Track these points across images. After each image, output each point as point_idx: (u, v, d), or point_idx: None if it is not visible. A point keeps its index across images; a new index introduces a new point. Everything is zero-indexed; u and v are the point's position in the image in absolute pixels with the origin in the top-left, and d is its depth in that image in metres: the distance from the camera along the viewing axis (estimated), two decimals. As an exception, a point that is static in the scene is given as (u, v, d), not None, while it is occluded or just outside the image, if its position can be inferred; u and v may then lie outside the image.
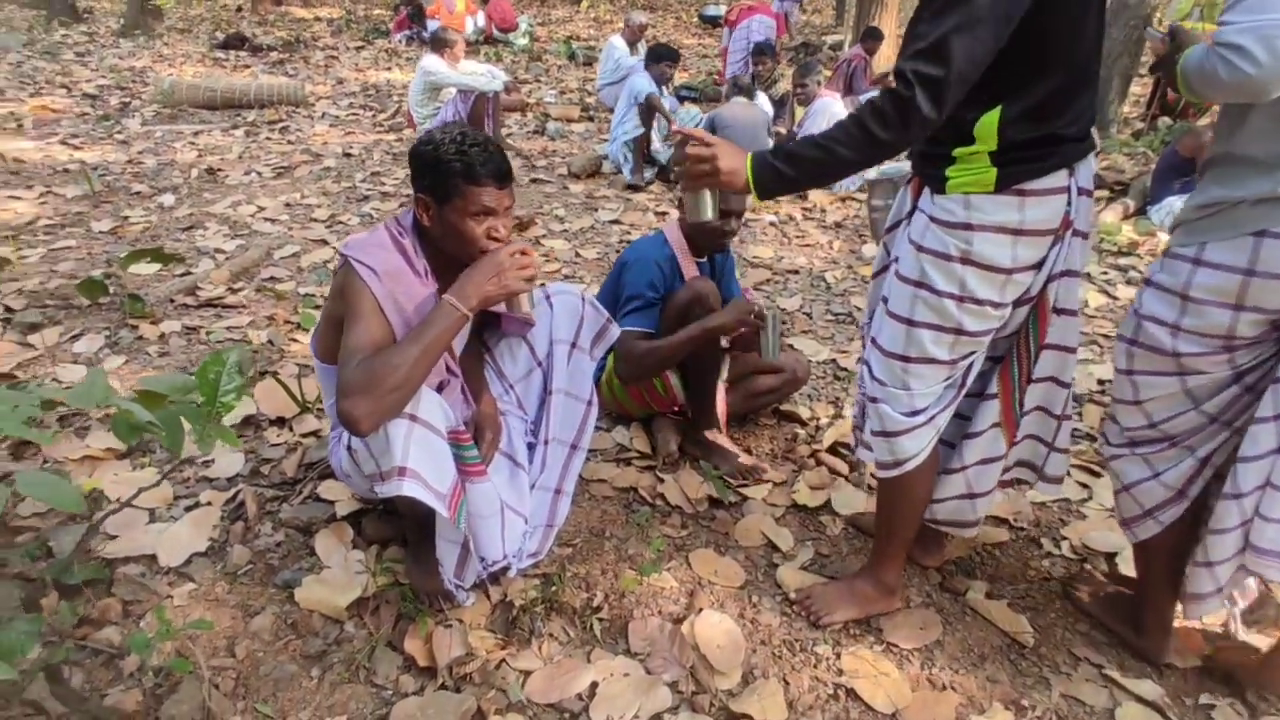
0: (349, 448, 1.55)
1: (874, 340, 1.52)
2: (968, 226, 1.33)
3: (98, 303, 2.92)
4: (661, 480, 2.13)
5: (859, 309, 3.36)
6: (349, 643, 1.61)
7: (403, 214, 1.59)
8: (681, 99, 7.41)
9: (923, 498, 1.60)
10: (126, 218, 4.02)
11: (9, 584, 1.58)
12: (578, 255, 3.86)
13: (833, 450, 2.33)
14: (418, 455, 1.38)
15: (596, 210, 4.52)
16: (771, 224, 4.46)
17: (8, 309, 2.87)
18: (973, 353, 1.46)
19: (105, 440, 2.15)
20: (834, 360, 2.89)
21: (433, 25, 9.28)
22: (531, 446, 1.93)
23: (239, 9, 13.68)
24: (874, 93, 6.71)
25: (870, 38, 7.48)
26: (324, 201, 4.45)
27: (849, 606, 1.69)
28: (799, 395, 2.61)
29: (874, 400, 1.51)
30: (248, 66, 8.78)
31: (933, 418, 1.49)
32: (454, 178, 1.47)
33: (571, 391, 1.90)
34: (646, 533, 1.93)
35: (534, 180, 5.05)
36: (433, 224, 1.53)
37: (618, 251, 3.92)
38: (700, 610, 1.69)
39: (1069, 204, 1.32)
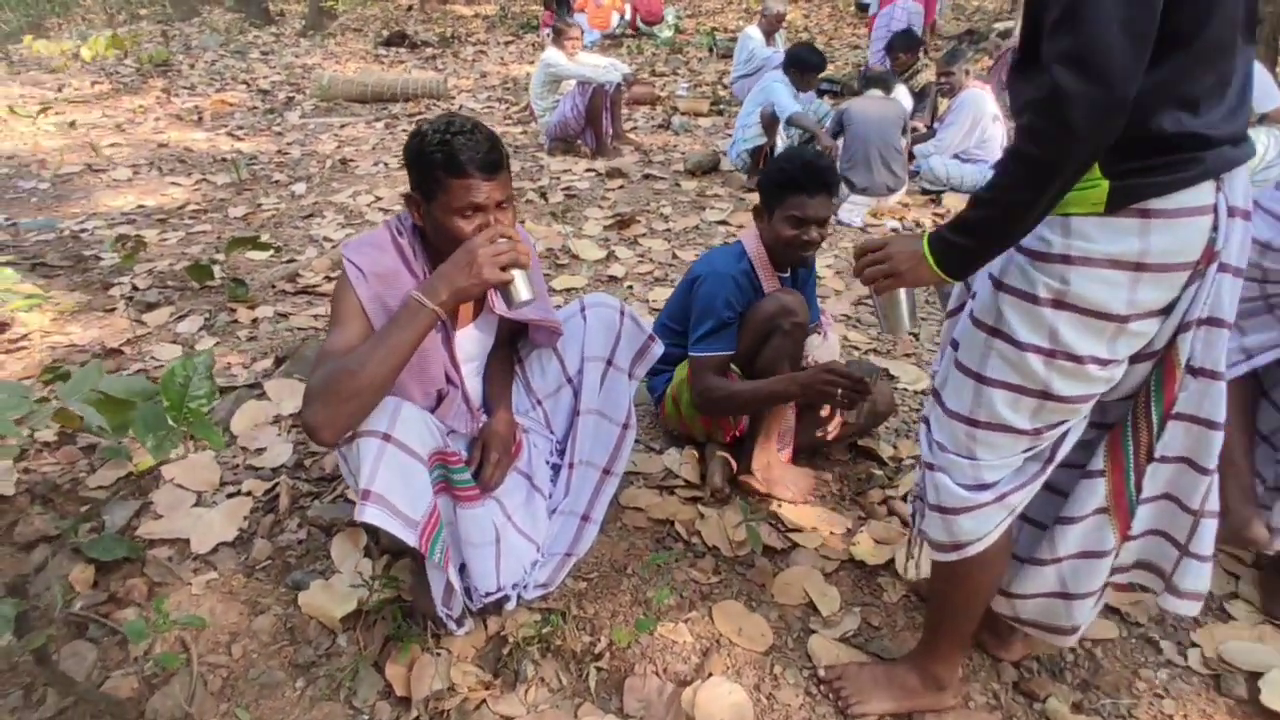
0: (343, 455, 1.48)
1: (936, 393, 1.24)
2: (1065, 259, 1.02)
3: (207, 285, 3.11)
4: (702, 516, 1.93)
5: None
6: (339, 657, 1.55)
7: (404, 213, 1.50)
8: (821, 93, 7.00)
9: (987, 588, 1.31)
10: (260, 205, 4.30)
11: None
12: (675, 257, 3.69)
13: (909, 498, 2.02)
14: (387, 478, 1.28)
15: (704, 210, 4.32)
16: (893, 230, 4.07)
17: (134, 287, 3.12)
18: (1064, 421, 1.14)
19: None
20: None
21: (580, 18, 9.38)
22: (556, 468, 1.80)
23: (409, 8, 14.57)
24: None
25: (1039, 23, 6.69)
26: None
27: (887, 697, 1.42)
28: (883, 429, 2.30)
29: (930, 467, 1.23)
30: (403, 62, 9.30)
31: (1004, 496, 1.19)
32: (436, 170, 1.35)
33: (605, 412, 1.75)
34: (670, 575, 1.74)
35: (646, 175, 4.92)
36: (425, 222, 1.43)
37: (716, 254, 3.71)
38: (710, 675, 1.48)
39: (1214, 229, 1.00)
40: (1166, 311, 1.05)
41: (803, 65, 4.68)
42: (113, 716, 1.44)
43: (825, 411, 2.05)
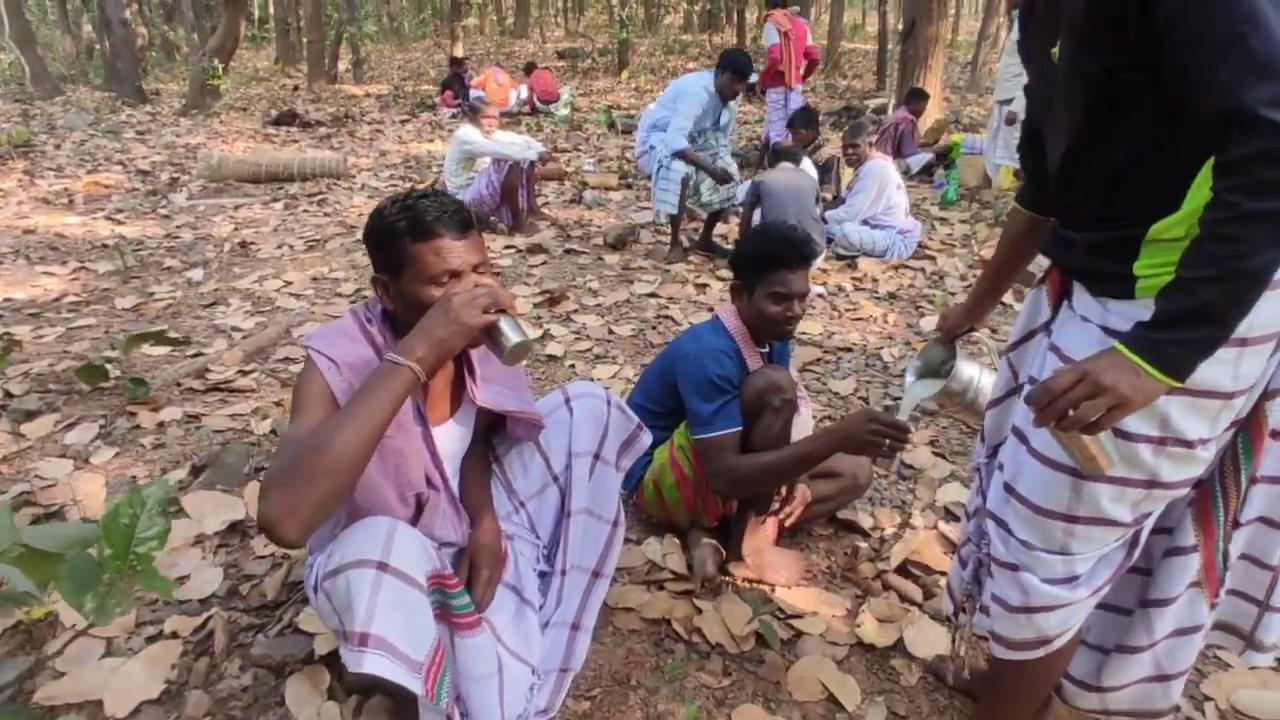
0: (315, 588, 1.27)
1: (1011, 489, 1.15)
2: None
3: (99, 388, 2.76)
4: (699, 611, 1.80)
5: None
6: (310, 832, 1.30)
7: (372, 300, 1.35)
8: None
9: (1056, 675, 1.26)
10: (152, 294, 3.93)
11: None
12: (611, 332, 3.62)
13: (903, 570, 1.98)
14: (387, 616, 1.09)
15: (632, 283, 4.30)
16: (820, 296, 4.17)
17: (8, 394, 2.72)
18: (1161, 506, 1.11)
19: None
20: (898, 457, 2.54)
21: (475, 95, 9.43)
22: (544, 575, 1.63)
23: (295, 88, 14.27)
24: (923, 155, 6.33)
25: (916, 98, 7.30)
26: (351, 275, 4.32)
27: None
28: (858, 500, 2.27)
29: (1011, 567, 1.15)
30: (296, 141, 9.00)
31: (1098, 589, 1.13)
32: (401, 239, 1.22)
33: (594, 510, 1.61)
34: (681, 684, 1.60)
35: (568, 250, 4.88)
36: (395, 304, 1.28)
37: (653, 327, 3.67)
38: (747, 799, 1.34)
39: None
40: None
41: (736, 68, 4.51)
42: None
43: (783, 493, 1.99)
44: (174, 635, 1.69)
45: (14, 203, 5.90)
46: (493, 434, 1.66)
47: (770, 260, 1.82)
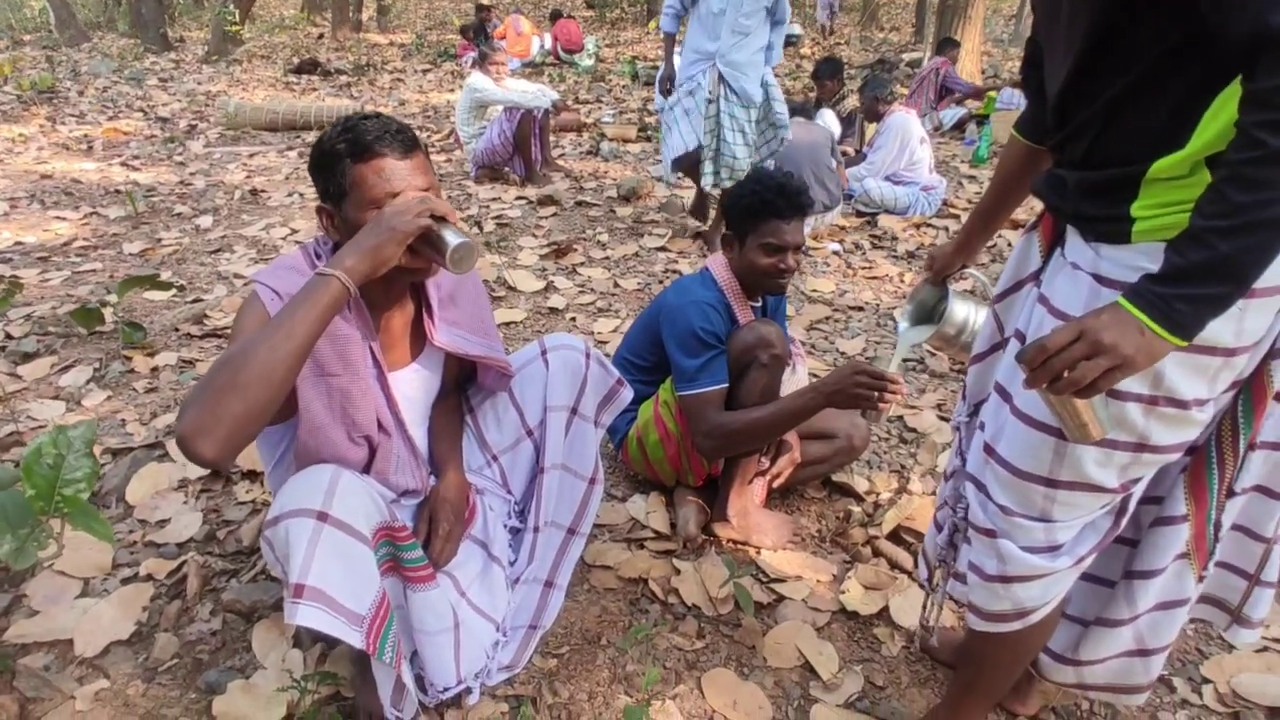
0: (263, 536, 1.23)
1: (991, 450, 1.07)
2: None
3: (97, 331, 2.75)
4: (678, 571, 1.75)
5: (933, 354, 2.91)
6: (266, 778, 1.29)
7: (323, 236, 1.28)
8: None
9: (1036, 648, 1.18)
10: (160, 240, 3.92)
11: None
12: (616, 285, 3.53)
13: (895, 537, 1.90)
14: (326, 568, 1.05)
15: (642, 236, 4.19)
16: (835, 253, 4.04)
17: (8, 336, 2.73)
18: (1148, 474, 1.01)
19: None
20: (900, 418, 2.45)
21: (499, 46, 9.23)
22: (517, 532, 1.59)
23: (320, 36, 14.11)
24: (956, 110, 6.00)
25: (947, 46, 7.04)
26: (360, 224, 4.27)
27: None
28: (855, 462, 2.19)
29: (989, 533, 1.07)
30: (315, 90, 8.91)
31: (1081, 559, 1.05)
32: (342, 162, 1.16)
33: (570, 467, 1.56)
34: (651, 644, 1.55)
35: (580, 203, 4.77)
36: (341, 234, 1.21)
37: (660, 282, 3.57)
38: (708, 764, 1.30)
39: None
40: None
41: None
42: None
43: (771, 451, 1.91)
44: (149, 578, 1.69)
45: (34, 148, 5.92)
46: (466, 385, 1.61)
47: (763, 209, 1.72)
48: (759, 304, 1.91)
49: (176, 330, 2.85)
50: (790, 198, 1.73)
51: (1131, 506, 1.04)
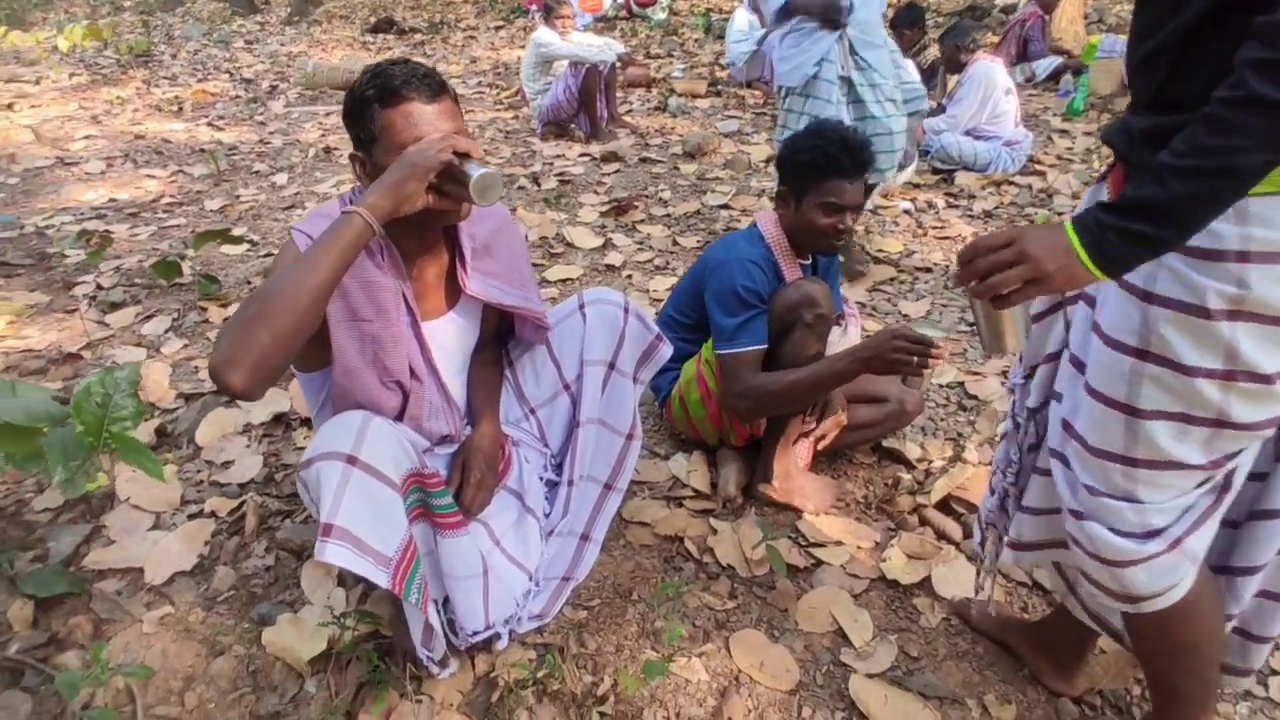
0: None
1: (1069, 426, 1.01)
2: (1242, 256, 0.79)
3: (177, 283, 2.90)
4: (714, 531, 1.74)
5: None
6: (307, 705, 1.36)
7: (359, 187, 1.30)
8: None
9: (1199, 643, 1.06)
10: (238, 196, 4.09)
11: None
12: (676, 243, 3.48)
13: (944, 506, 1.83)
14: (354, 509, 1.08)
15: (705, 194, 4.11)
16: (906, 212, 3.86)
17: (99, 286, 2.91)
18: (1244, 448, 0.93)
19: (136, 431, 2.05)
20: (961, 384, 2.34)
21: (572, 2, 9.11)
22: (553, 485, 1.60)
23: (397, -6, 14.25)
24: (1052, 59, 5.58)
25: (1048, -10, 6.50)
26: (426, 181, 4.34)
27: None
28: (908, 427, 2.11)
29: (1078, 515, 1.01)
30: (391, 49, 9.03)
31: (1178, 541, 0.96)
32: (371, 107, 1.17)
33: (608, 422, 1.56)
34: (682, 602, 1.55)
35: (644, 159, 4.70)
36: (372, 181, 1.23)
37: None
38: (729, 721, 1.30)
39: None
40: None
41: None
42: (44, 782, 1.25)
43: (815, 414, 1.85)
44: (212, 515, 1.79)
45: (130, 109, 6.24)
46: (506, 338, 1.62)
47: (825, 167, 1.64)
48: (808, 262, 1.84)
49: (249, 283, 2.97)
50: (854, 154, 1.64)
51: (1236, 484, 0.95)
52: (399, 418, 1.32)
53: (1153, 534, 0.96)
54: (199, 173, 4.50)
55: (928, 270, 3.20)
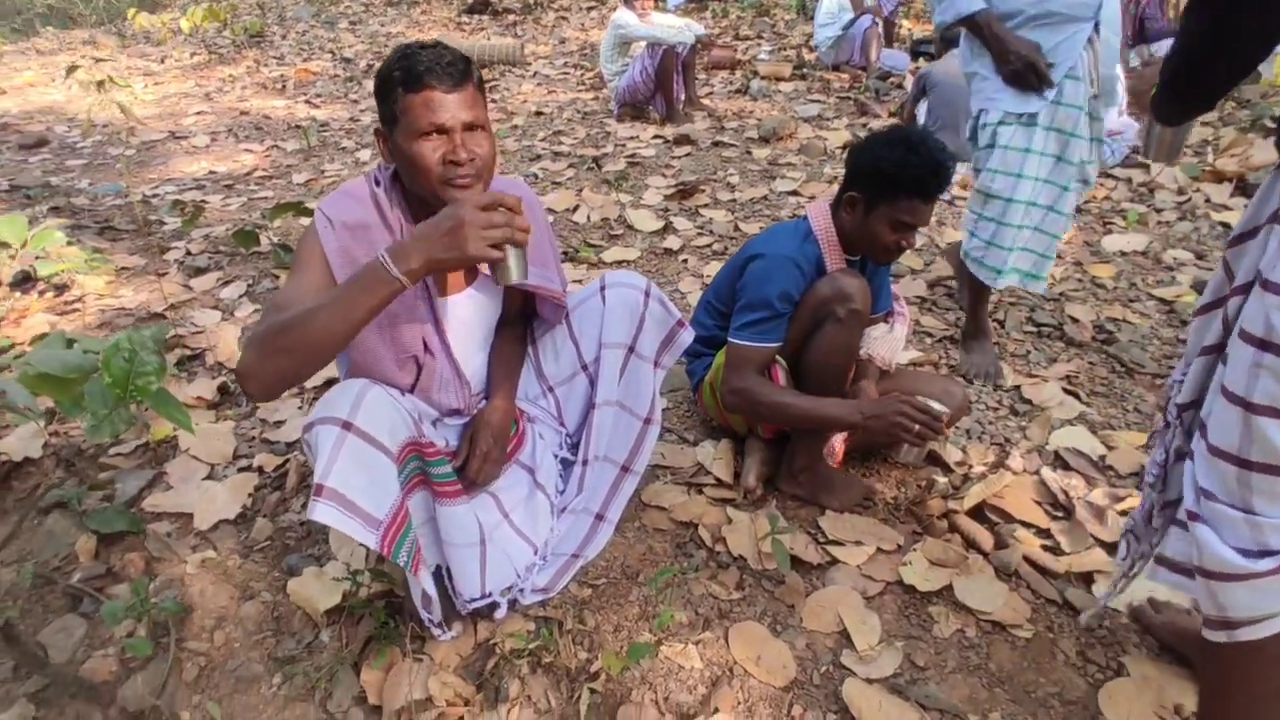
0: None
1: (1203, 425, 0.97)
2: None
3: (256, 252, 3.09)
4: (730, 520, 1.72)
5: (1074, 320, 2.58)
6: (320, 653, 1.44)
7: (384, 163, 1.34)
8: (916, 55, 6.49)
9: (1264, 699, 1.00)
10: (324, 171, 4.29)
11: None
12: (737, 229, 3.43)
13: (977, 514, 1.75)
14: (347, 472, 1.13)
15: (775, 179, 4.02)
16: (949, 203, 3.65)
17: (188, 252, 3.13)
18: None
19: (203, 388, 2.20)
20: (1017, 389, 2.22)
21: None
22: (567, 464, 1.62)
23: (496, -24, 14.52)
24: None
25: (1171, -36, 5.93)
26: (500, 161, 4.43)
27: None
28: (953, 430, 2.02)
29: (1193, 518, 0.96)
30: (484, 29, 9.23)
31: None
32: (395, 89, 1.19)
33: (626, 405, 1.56)
34: (686, 587, 1.55)
35: (716, 143, 4.64)
36: (394, 160, 1.26)
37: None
38: (715, 712, 1.29)
39: None
40: None
41: None
42: (85, 699, 1.38)
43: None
44: (259, 469, 1.91)
45: (239, 87, 6.64)
46: (531, 316, 1.64)
47: (911, 187, 1.57)
48: (856, 259, 1.77)
49: (321, 253, 3.13)
50: (942, 179, 1.57)
51: None
52: (412, 388, 1.37)
53: (1266, 553, 0.90)
54: (292, 148, 4.75)
55: (1000, 266, 3.02)
